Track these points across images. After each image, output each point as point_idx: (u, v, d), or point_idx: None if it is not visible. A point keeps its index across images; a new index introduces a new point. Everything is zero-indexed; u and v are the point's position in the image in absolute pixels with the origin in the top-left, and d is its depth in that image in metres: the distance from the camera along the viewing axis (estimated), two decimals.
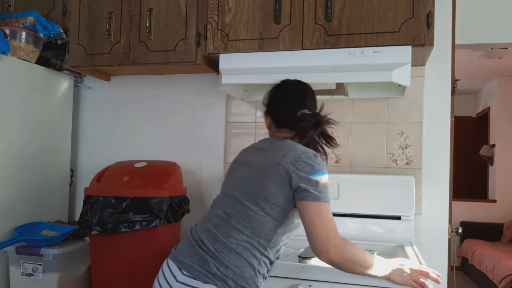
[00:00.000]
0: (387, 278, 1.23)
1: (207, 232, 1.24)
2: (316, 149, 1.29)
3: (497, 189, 5.61)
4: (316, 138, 1.31)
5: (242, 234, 1.19)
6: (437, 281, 1.24)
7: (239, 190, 1.26)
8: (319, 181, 1.19)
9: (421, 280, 1.21)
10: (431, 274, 1.24)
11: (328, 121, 1.33)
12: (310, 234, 1.15)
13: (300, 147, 1.25)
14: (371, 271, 1.19)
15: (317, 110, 1.36)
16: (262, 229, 1.19)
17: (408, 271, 1.23)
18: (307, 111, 1.32)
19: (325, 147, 1.33)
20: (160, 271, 1.26)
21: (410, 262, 1.28)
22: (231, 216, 1.23)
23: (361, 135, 2.00)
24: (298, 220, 1.25)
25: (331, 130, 1.35)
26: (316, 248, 1.14)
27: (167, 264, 1.24)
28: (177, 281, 1.17)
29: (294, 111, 1.33)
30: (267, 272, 1.24)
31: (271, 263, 1.24)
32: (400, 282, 1.22)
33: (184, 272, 1.17)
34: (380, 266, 1.21)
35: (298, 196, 1.18)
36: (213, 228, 1.23)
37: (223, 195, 1.32)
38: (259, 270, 1.19)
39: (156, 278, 1.26)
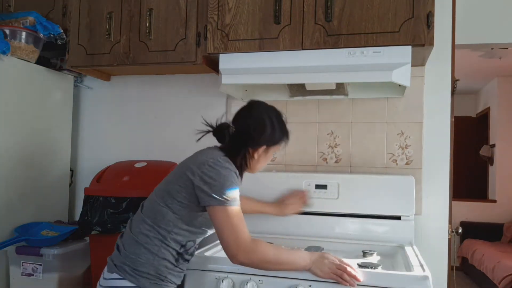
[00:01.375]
0: (308, 269, 1.28)
1: (126, 229, 1.38)
2: (235, 162, 1.33)
3: (497, 189, 5.62)
4: (233, 152, 1.35)
5: (145, 224, 1.31)
6: (355, 278, 1.25)
7: (157, 188, 1.39)
8: (224, 185, 1.24)
9: (339, 272, 1.26)
10: (348, 269, 1.26)
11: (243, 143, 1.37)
12: (220, 239, 1.24)
13: (215, 153, 1.32)
14: (287, 266, 1.28)
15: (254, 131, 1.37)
16: (162, 219, 1.29)
17: (328, 264, 1.27)
18: (229, 123, 1.39)
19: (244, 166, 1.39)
20: None
21: (331, 256, 1.30)
22: (143, 210, 1.36)
23: (361, 135, 2.00)
24: (203, 223, 1.33)
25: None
26: (227, 252, 1.23)
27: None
28: (103, 278, 1.32)
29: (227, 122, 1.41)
30: (177, 262, 1.32)
31: (179, 253, 1.32)
32: (320, 274, 1.27)
33: (106, 269, 1.34)
34: (298, 260, 1.28)
35: (203, 200, 1.25)
36: (130, 221, 1.38)
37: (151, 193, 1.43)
38: (159, 255, 1.28)
39: None
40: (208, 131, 1.41)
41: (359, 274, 1.27)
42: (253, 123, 1.38)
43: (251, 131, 1.36)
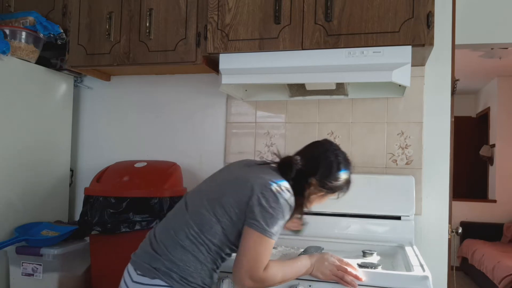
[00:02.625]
0: (310, 274, 1.28)
1: (162, 226, 1.30)
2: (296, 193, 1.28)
3: (497, 189, 5.61)
4: (295, 187, 1.29)
5: (191, 229, 1.22)
6: (356, 277, 1.26)
7: (207, 190, 1.31)
8: (274, 217, 1.19)
9: (341, 273, 1.26)
10: (349, 270, 1.26)
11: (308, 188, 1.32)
12: (237, 259, 1.19)
13: (278, 177, 1.26)
14: (292, 277, 1.26)
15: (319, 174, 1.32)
16: (209, 230, 1.22)
17: (329, 266, 1.27)
18: (297, 158, 1.32)
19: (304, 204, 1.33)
20: (122, 276, 1.31)
21: (330, 257, 1.30)
22: (189, 209, 1.28)
23: (361, 135, 2.00)
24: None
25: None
26: (234, 273, 1.19)
27: (127, 267, 1.29)
28: (132, 281, 1.22)
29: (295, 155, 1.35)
30: (217, 269, 1.28)
31: (217, 268, 1.27)
32: (322, 277, 1.27)
33: (138, 272, 1.22)
34: (301, 268, 1.27)
35: (248, 219, 1.20)
36: (168, 220, 1.30)
37: (196, 189, 1.38)
38: (206, 265, 1.22)
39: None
40: (274, 162, 1.35)
41: (361, 273, 1.27)
42: (323, 165, 1.32)
43: (320, 174, 1.31)
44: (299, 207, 1.31)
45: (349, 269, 1.27)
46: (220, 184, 1.31)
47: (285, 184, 1.24)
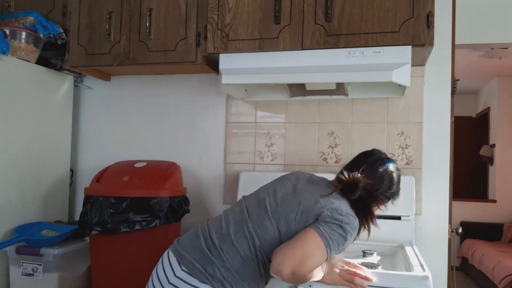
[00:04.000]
0: (321, 281, 1.25)
1: (219, 226, 1.23)
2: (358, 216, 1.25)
3: (497, 189, 5.61)
4: (361, 207, 1.27)
5: (252, 240, 1.18)
6: (366, 279, 1.25)
7: (271, 201, 1.26)
8: (337, 235, 1.16)
9: (350, 277, 1.25)
10: (359, 272, 1.26)
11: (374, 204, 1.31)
12: (288, 247, 1.13)
13: (346, 206, 1.23)
14: (311, 281, 1.22)
15: (387, 189, 1.32)
16: (270, 244, 1.18)
17: (339, 273, 1.25)
18: (359, 176, 1.28)
19: (370, 222, 1.30)
20: (160, 262, 1.25)
21: (339, 263, 1.28)
22: (251, 217, 1.22)
23: (361, 135, 2.00)
24: None
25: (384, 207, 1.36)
26: (278, 258, 1.12)
27: (168, 256, 1.23)
28: (175, 275, 1.16)
29: (355, 169, 1.31)
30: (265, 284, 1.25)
31: (266, 280, 1.25)
32: (331, 283, 1.25)
33: (183, 268, 1.16)
34: (318, 275, 1.22)
35: (314, 223, 1.18)
36: (227, 222, 1.23)
37: (255, 196, 1.32)
38: (258, 281, 1.20)
39: (155, 268, 1.25)
40: (341, 188, 1.29)
41: (369, 274, 1.26)
42: (387, 179, 1.32)
43: (383, 189, 1.30)
44: (366, 222, 1.30)
45: (358, 271, 1.26)
46: (285, 199, 1.25)
47: (352, 214, 1.22)
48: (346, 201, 1.25)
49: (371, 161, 1.35)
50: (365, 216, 1.28)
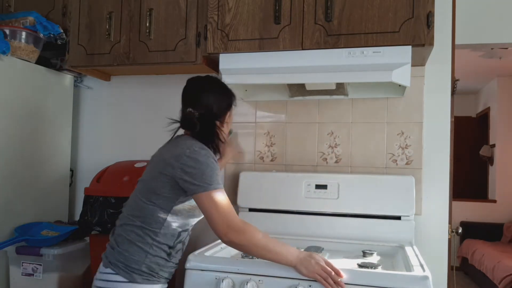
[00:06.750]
0: (293, 266, 1.28)
1: (116, 225, 1.43)
2: (208, 144, 1.37)
3: (497, 189, 5.61)
4: (206, 134, 1.39)
5: (134, 222, 1.34)
6: (339, 284, 1.24)
7: (138, 184, 1.42)
8: (205, 171, 1.28)
9: (324, 274, 1.25)
10: (334, 274, 1.25)
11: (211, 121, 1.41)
12: (209, 221, 1.28)
13: (189, 142, 1.35)
14: (273, 256, 1.29)
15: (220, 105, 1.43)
16: (151, 217, 1.33)
17: (315, 265, 1.26)
18: (191, 110, 1.40)
19: (220, 143, 1.42)
20: None
21: (320, 258, 1.29)
22: (128, 207, 1.40)
23: (361, 135, 2.00)
24: (189, 209, 1.37)
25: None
26: (216, 231, 1.27)
27: None
28: (99, 272, 1.36)
29: (184, 109, 1.44)
30: (169, 256, 1.37)
31: (171, 247, 1.37)
32: (305, 272, 1.27)
33: (101, 265, 1.37)
34: (285, 253, 1.29)
35: (189, 189, 1.29)
36: (119, 220, 1.42)
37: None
38: (151, 252, 1.32)
39: None
40: (179, 127, 1.44)
41: (343, 283, 1.25)
42: (210, 99, 1.42)
43: (214, 108, 1.41)
44: (222, 142, 1.43)
45: (333, 273, 1.25)
46: (145, 175, 1.42)
47: (194, 145, 1.32)
48: (190, 140, 1.37)
49: (192, 92, 1.47)
50: (216, 138, 1.40)
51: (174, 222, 1.36)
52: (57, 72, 2.24)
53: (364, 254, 1.62)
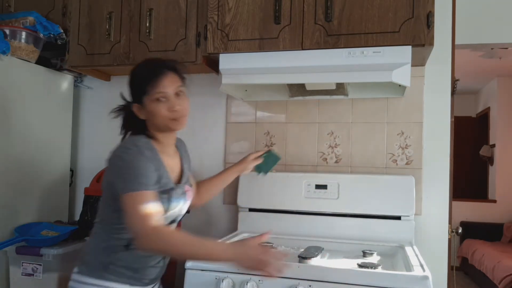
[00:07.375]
0: (233, 262, 1.19)
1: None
2: (142, 134, 1.38)
3: (497, 189, 5.62)
4: (130, 126, 1.43)
5: (97, 224, 1.38)
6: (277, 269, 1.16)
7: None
8: (126, 172, 1.25)
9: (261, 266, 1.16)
10: (271, 262, 1.16)
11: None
12: (127, 224, 1.23)
13: (128, 140, 1.38)
14: (198, 256, 1.23)
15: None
16: (106, 215, 1.35)
17: (252, 257, 1.16)
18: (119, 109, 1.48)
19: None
20: None
21: (255, 246, 1.19)
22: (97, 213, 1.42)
23: (361, 135, 2.00)
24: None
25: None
26: (134, 239, 1.20)
27: None
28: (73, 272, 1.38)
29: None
30: (128, 248, 1.31)
31: (127, 245, 1.32)
32: (248, 267, 1.17)
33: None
34: (216, 251, 1.19)
35: (117, 189, 1.26)
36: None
37: None
38: (111, 249, 1.32)
39: None
40: (126, 133, 1.47)
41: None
42: (127, 88, 1.42)
43: (129, 93, 1.42)
44: (161, 126, 1.40)
45: (271, 260, 1.16)
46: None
47: (121, 144, 1.35)
48: (130, 137, 1.40)
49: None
50: (140, 127, 1.40)
51: (122, 219, 1.29)
52: (57, 72, 2.23)
53: (364, 254, 1.62)
